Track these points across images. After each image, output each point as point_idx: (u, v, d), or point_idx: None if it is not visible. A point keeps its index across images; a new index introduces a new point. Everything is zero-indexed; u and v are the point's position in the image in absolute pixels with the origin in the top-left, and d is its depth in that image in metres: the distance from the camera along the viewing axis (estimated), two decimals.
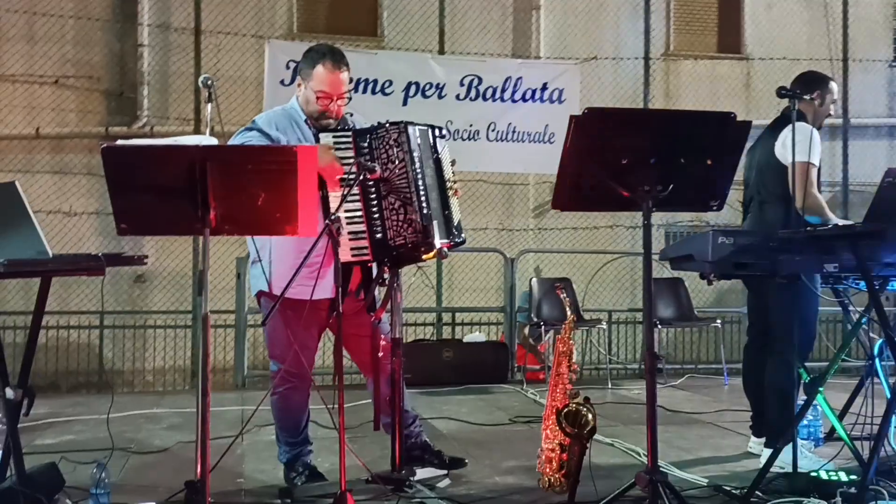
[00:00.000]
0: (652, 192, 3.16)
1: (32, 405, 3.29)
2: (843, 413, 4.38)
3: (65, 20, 9.26)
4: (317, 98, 3.66)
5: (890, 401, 3.56)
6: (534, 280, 7.81)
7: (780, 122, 4.23)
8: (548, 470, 3.70)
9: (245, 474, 4.09)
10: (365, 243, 3.57)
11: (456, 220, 3.77)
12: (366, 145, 3.57)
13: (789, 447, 3.68)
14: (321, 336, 3.86)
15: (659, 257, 4.06)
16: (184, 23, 9.31)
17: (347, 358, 3.73)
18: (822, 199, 4.14)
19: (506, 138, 8.39)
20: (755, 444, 4.43)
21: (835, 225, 3.93)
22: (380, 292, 3.74)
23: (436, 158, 3.70)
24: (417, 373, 6.34)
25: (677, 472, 3.99)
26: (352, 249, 3.54)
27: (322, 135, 3.62)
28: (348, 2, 10.31)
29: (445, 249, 3.68)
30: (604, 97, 10.00)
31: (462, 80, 8.27)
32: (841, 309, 4.32)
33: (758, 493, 3.56)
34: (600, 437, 4.56)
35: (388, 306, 3.68)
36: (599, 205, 3.41)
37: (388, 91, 8.07)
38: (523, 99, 8.40)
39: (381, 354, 3.70)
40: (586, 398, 3.67)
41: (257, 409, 3.68)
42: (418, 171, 3.55)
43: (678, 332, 9.26)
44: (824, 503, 3.39)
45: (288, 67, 7.46)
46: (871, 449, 3.48)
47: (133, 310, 9.16)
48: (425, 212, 3.53)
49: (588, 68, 9.65)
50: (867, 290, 3.57)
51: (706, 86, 10.51)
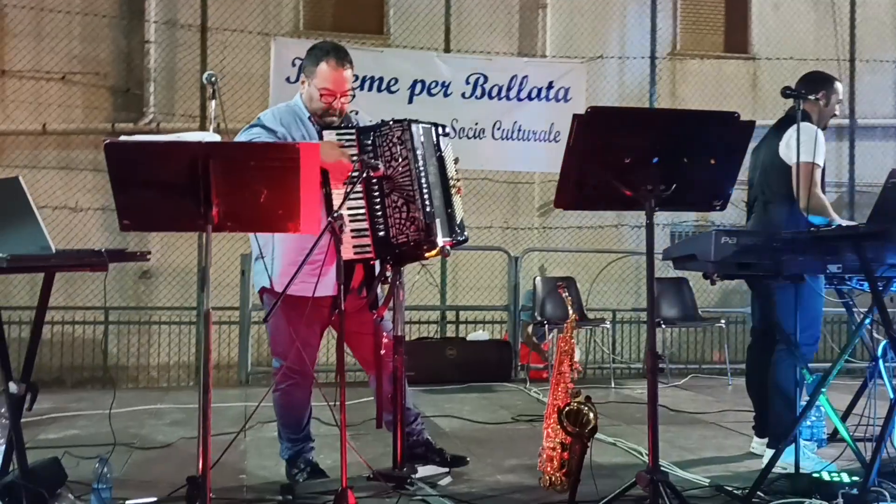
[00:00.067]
0: (655, 191, 3.14)
1: (36, 400, 3.30)
2: (846, 414, 4.38)
3: (72, 16, 9.30)
4: (320, 95, 3.66)
5: (893, 402, 3.56)
6: (538, 279, 7.81)
7: (785, 123, 4.22)
8: (549, 469, 3.70)
9: (247, 470, 4.10)
10: (367, 241, 3.57)
11: (459, 219, 3.77)
12: (369, 143, 3.57)
13: (792, 448, 3.67)
14: (324, 333, 3.86)
15: (662, 257, 4.05)
16: (190, 20, 9.35)
17: (350, 355, 3.74)
18: (825, 200, 4.12)
19: (511, 137, 8.39)
20: (758, 444, 4.42)
21: (838, 225, 3.93)
22: (382, 290, 3.75)
23: (439, 156, 3.71)
24: (421, 371, 6.36)
25: (679, 472, 3.98)
26: (354, 247, 3.54)
27: (326, 132, 3.62)
28: None
29: (448, 248, 3.68)
30: (610, 96, 10.00)
31: (468, 78, 8.27)
32: (845, 310, 4.31)
33: (760, 493, 3.55)
34: (603, 437, 4.56)
35: (391, 304, 3.68)
36: (602, 204, 3.39)
37: (393, 89, 8.08)
38: (529, 97, 8.40)
39: (383, 352, 3.71)
40: (587, 397, 3.66)
41: (259, 405, 3.70)
42: (421, 169, 3.55)
43: (682, 331, 9.24)
44: None
45: (294, 65, 7.46)
46: (873, 450, 3.47)
47: (138, 306, 9.20)
48: (428, 210, 3.53)
49: (594, 67, 9.65)
50: (871, 291, 3.56)
51: (713, 85, 10.48)
